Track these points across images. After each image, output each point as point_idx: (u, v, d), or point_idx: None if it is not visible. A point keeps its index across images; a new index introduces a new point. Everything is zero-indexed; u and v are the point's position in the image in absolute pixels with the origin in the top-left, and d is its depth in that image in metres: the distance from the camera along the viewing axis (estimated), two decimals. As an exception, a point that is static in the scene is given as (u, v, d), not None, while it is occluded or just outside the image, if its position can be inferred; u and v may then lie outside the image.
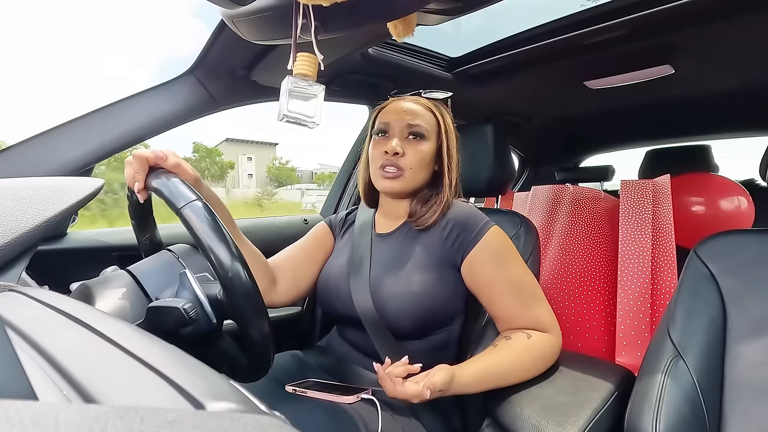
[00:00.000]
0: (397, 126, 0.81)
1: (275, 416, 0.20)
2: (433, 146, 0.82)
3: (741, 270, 0.71)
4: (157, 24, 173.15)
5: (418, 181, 0.82)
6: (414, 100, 0.85)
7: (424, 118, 0.82)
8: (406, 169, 0.79)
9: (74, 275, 0.65)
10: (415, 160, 0.80)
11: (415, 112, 0.82)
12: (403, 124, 0.81)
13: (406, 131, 0.81)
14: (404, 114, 0.81)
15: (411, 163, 0.80)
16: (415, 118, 0.81)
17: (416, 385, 0.62)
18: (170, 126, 1.03)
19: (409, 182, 0.81)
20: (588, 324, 1.43)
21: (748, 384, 0.63)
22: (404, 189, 0.81)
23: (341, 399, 0.69)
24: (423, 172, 0.82)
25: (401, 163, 0.79)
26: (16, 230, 0.46)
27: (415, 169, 0.80)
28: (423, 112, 0.82)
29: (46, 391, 0.22)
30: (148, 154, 0.59)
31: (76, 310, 0.33)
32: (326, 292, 0.86)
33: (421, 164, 0.81)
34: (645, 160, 1.96)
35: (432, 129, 0.82)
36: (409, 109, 0.82)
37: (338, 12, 0.59)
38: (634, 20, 0.96)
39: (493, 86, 1.41)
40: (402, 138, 0.81)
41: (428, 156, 0.81)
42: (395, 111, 0.82)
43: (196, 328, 0.52)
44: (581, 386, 0.71)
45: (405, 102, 0.84)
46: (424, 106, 0.84)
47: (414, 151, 0.80)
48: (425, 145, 0.81)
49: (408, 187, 0.81)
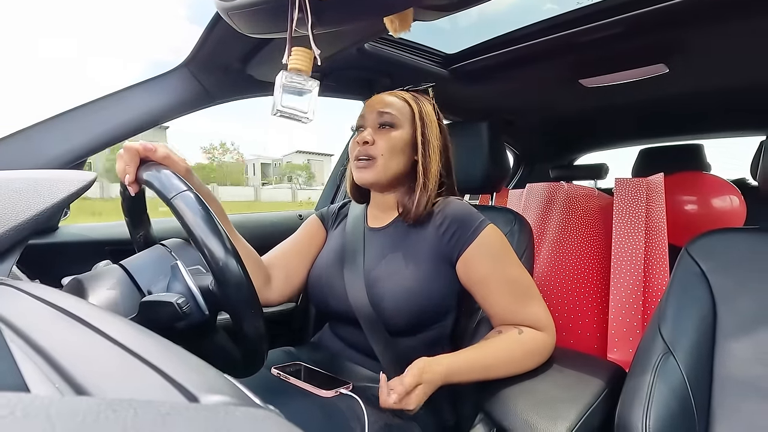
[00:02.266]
0: (370, 117, 0.82)
1: (269, 409, 0.20)
2: (406, 133, 0.82)
3: (731, 268, 0.71)
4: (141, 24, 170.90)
5: (392, 169, 0.81)
6: (390, 93, 0.85)
7: (395, 107, 0.82)
8: (377, 156, 0.80)
9: (66, 270, 0.64)
10: (385, 148, 0.80)
11: (386, 102, 0.82)
12: (374, 114, 0.82)
13: (377, 121, 0.82)
14: (376, 105, 0.82)
15: (381, 150, 0.80)
16: (385, 107, 0.82)
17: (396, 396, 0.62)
18: (163, 119, 1.02)
19: (383, 170, 0.80)
20: (580, 321, 1.44)
21: (737, 380, 0.64)
22: (378, 178, 0.81)
23: (319, 392, 0.69)
24: (396, 159, 0.81)
25: (371, 151, 0.80)
26: (7, 223, 0.46)
27: (386, 156, 0.80)
28: (395, 101, 0.83)
29: (38, 384, 0.22)
30: (138, 147, 0.59)
31: (69, 303, 0.32)
32: (319, 287, 0.85)
33: (393, 151, 0.80)
34: (638, 159, 1.97)
35: (404, 117, 0.82)
36: (381, 100, 0.83)
37: (334, 6, 0.59)
38: (629, 19, 0.96)
39: (488, 83, 1.41)
40: (374, 128, 0.82)
41: (400, 143, 0.81)
42: (370, 105, 0.84)
43: (190, 322, 0.52)
44: (573, 382, 0.72)
45: (381, 95, 0.85)
46: (398, 97, 0.84)
47: (384, 139, 0.80)
48: (397, 132, 0.81)
49: (382, 176, 0.81)
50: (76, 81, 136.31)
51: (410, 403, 0.63)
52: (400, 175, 0.83)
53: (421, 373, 0.64)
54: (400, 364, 0.76)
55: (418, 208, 0.79)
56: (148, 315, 0.50)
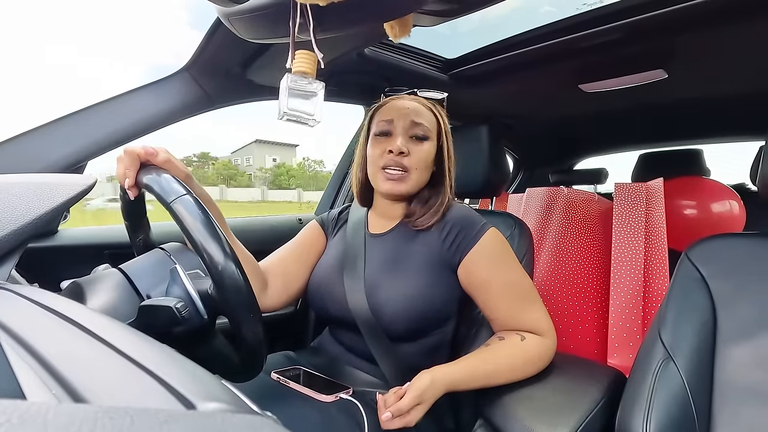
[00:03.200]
0: (401, 125, 0.79)
1: (267, 416, 0.20)
2: (434, 147, 0.81)
3: (731, 273, 0.71)
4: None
5: (421, 183, 0.81)
6: (414, 99, 0.83)
7: (427, 118, 0.81)
8: (412, 169, 0.78)
9: (65, 273, 0.64)
10: (420, 161, 0.79)
11: (418, 112, 0.80)
12: (407, 123, 0.79)
13: (409, 131, 0.79)
14: (408, 112, 0.80)
15: (416, 163, 0.78)
16: (418, 117, 0.80)
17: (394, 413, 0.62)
18: (165, 123, 1.02)
19: (414, 184, 0.80)
20: (580, 326, 1.44)
21: (737, 386, 0.64)
22: (409, 191, 0.80)
23: (319, 396, 0.69)
24: (425, 174, 0.81)
25: (406, 163, 0.78)
26: (6, 227, 0.46)
27: (419, 170, 0.79)
28: (425, 111, 0.82)
29: (34, 391, 0.22)
30: (139, 150, 0.59)
31: (67, 308, 0.32)
32: (318, 293, 0.85)
33: (425, 165, 0.80)
34: (638, 164, 1.97)
35: (434, 129, 0.81)
36: (413, 108, 0.81)
37: (335, 12, 0.59)
38: (628, 25, 0.97)
39: (488, 88, 1.42)
40: (405, 138, 0.79)
41: (431, 157, 0.80)
42: (398, 109, 0.81)
43: (188, 326, 0.51)
44: (573, 387, 0.72)
45: (406, 101, 0.82)
46: (424, 105, 0.83)
47: (418, 151, 0.79)
48: (427, 145, 0.80)
49: (412, 189, 0.80)
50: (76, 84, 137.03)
51: (411, 421, 0.63)
52: (423, 188, 0.83)
53: (422, 393, 0.64)
54: (401, 370, 0.76)
55: (431, 217, 0.79)
56: (147, 319, 0.50)
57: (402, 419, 0.62)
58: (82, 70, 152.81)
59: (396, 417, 0.62)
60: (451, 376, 0.67)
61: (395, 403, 0.63)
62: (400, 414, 0.62)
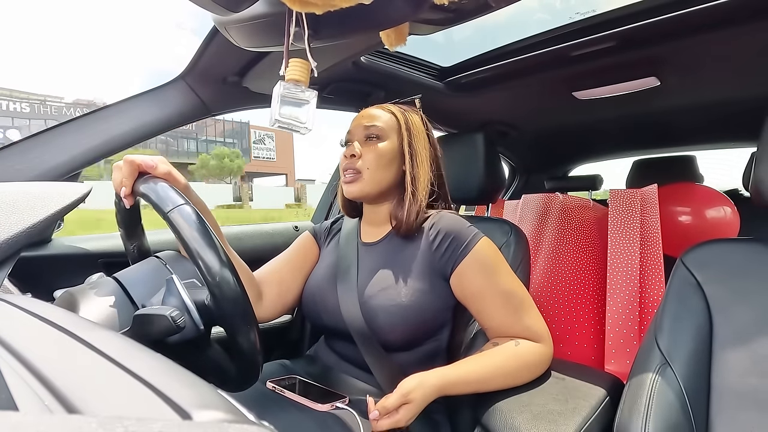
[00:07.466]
0: (357, 132, 0.83)
1: (263, 426, 0.20)
2: (392, 145, 0.82)
3: (726, 278, 0.72)
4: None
5: (379, 181, 0.81)
6: (377, 107, 0.86)
7: (381, 119, 0.83)
8: (363, 170, 0.80)
9: (59, 282, 0.64)
10: (371, 160, 0.80)
11: (372, 116, 0.83)
12: (361, 128, 0.83)
13: (363, 134, 0.82)
14: (362, 119, 0.83)
15: (368, 163, 0.80)
16: (371, 121, 0.82)
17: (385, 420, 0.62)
18: (160, 131, 1.02)
19: (369, 183, 0.80)
20: (577, 332, 1.44)
21: (734, 391, 0.64)
22: (365, 191, 0.81)
23: (315, 405, 0.69)
24: (383, 172, 0.81)
25: (358, 165, 0.80)
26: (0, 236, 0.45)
27: (372, 169, 0.80)
28: (381, 114, 0.84)
29: (26, 402, 0.21)
30: (139, 160, 0.59)
31: (60, 318, 0.32)
32: (312, 303, 0.85)
33: (379, 163, 0.81)
34: (632, 170, 1.99)
35: (391, 128, 0.83)
36: (367, 114, 0.84)
37: (331, 20, 0.59)
38: (621, 33, 0.98)
39: (483, 96, 1.43)
40: (361, 142, 0.82)
41: (387, 154, 0.81)
42: (356, 119, 0.85)
43: (184, 336, 0.51)
44: (571, 394, 0.72)
45: (367, 110, 0.86)
46: (384, 109, 0.85)
47: (370, 151, 0.81)
48: (383, 144, 0.81)
49: (369, 189, 0.81)
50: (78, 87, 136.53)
51: (400, 421, 0.62)
52: (390, 187, 0.83)
53: (408, 393, 0.63)
54: (396, 378, 0.75)
55: (409, 218, 0.79)
56: (142, 328, 0.50)
57: (390, 418, 0.62)
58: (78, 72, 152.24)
59: (383, 416, 0.62)
60: (443, 379, 0.67)
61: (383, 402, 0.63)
62: (387, 413, 0.62)
